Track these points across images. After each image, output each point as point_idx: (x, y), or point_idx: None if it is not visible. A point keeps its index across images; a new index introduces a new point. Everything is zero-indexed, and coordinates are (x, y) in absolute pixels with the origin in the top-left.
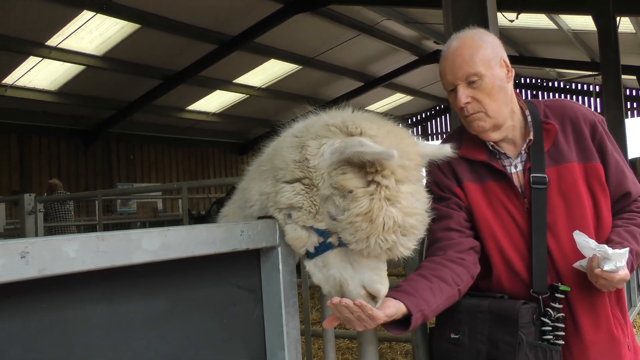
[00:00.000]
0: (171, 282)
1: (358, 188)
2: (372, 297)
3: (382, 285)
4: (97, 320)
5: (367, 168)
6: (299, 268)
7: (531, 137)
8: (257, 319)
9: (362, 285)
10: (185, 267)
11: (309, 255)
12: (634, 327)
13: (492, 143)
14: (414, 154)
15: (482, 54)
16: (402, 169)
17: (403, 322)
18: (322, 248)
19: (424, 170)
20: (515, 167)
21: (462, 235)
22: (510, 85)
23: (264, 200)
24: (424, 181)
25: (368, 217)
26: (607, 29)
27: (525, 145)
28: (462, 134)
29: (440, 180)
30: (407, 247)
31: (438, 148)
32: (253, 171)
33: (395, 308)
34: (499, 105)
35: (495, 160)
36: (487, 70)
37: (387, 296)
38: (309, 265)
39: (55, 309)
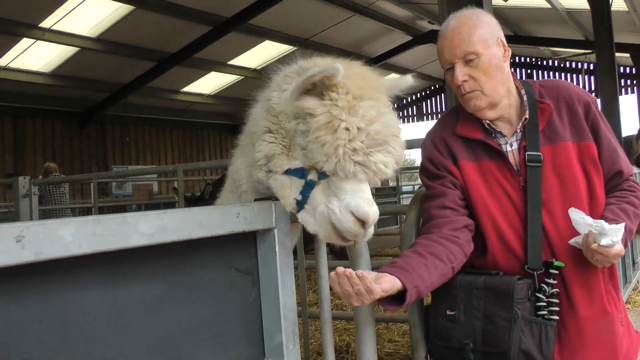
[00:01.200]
0: (168, 265)
1: (316, 105)
2: (362, 224)
3: (369, 207)
4: (94, 304)
5: (322, 91)
6: (296, 250)
7: (527, 116)
8: (254, 302)
9: (349, 211)
10: (182, 250)
11: (299, 205)
12: (629, 303)
13: (488, 122)
14: (370, 77)
15: (480, 33)
16: (357, 87)
17: (398, 297)
18: (306, 189)
19: (388, 100)
20: (511, 145)
21: (457, 213)
22: (507, 64)
23: (252, 171)
24: (392, 111)
25: (330, 127)
26: (600, 8)
27: (520, 124)
28: (459, 113)
29: (436, 158)
30: (381, 161)
31: (398, 78)
32: (237, 152)
33: (390, 283)
34: (496, 83)
35: (491, 138)
36: (484, 49)
37: (382, 271)
38: (301, 216)
39: (52, 293)
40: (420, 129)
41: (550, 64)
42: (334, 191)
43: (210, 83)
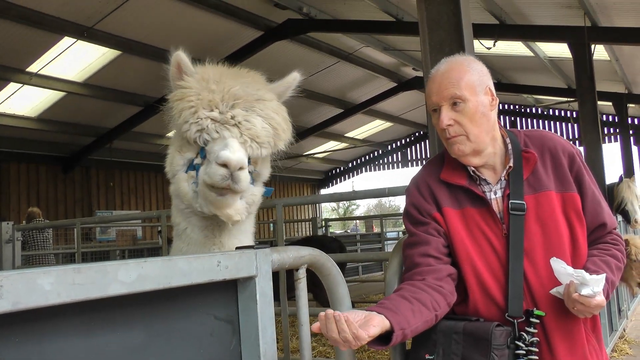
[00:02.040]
0: (148, 313)
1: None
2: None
3: (231, 153)
4: (74, 353)
5: None
6: (279, 296)
7: (511, 164)
8: (235, 350)
9: (214, 163)
10: (162, 298)
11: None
12: (616, 352)
13: (472, 168)
14: (238, 71)
15: (469, 79)
16: (213, 70)
17: (383, 337)
18: (197, 175)
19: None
20: (495, 193)
21: (440, 262)
22: (494, 113)
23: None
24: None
25: (182, 95)
26: (582, 57)
27: (505, 172)
28: (444, 159)
29: (420, 204)
30: (241, 115)
31: (285, 78)
32: None
33: (380, 327)
34: (481, 131)
35: (475, 185)
36: (471, 95)
37: (370, 310)
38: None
39: (30, 343)
40: (405, 175)
41: (534, 111)
42: (208, 159)
43: None
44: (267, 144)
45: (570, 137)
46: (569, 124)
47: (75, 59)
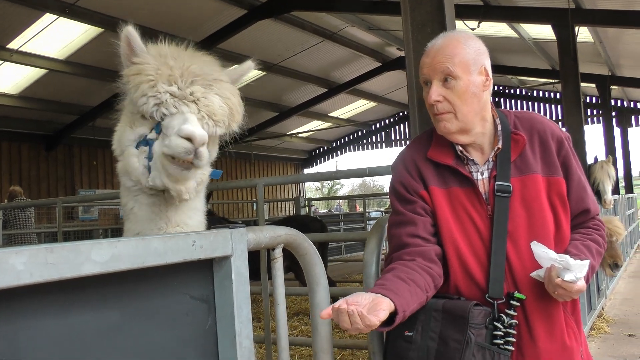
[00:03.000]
0: (122, 293)
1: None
2: (191, 142)
3: (193, 126)
4: (48, 334)
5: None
6: (260, 276)
7: (500, 145)
8: (210, 329)
9: (176, 135)
10: (137, 278)
11: (150, 170)
12: (594, 330)
13: (460, 148)
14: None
15: (464, 56)
16: (167, 48)
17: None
18: (150, 150)
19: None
20: (482, 174)
21: (428, 242)
22: (487, 93)
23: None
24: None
25: (140, 70)
26: (566, 39)
27: (493, 154)
28: (432, 137)
29: (408, 182)
30: (198, 91)
31: (238, 66)
32: None
33: (388, 311)
34: (469, 110)
35: (462, 165)
36: (464, 74)
37: (374, 292)
38: (152, 177)
39: (3, 323)
40: (389, 155)
41: (518, 92)
42: (165, 133)
43: None
44: (222, 122)
45: (554, 119)
46: (553, 105)
47: (57, 36)
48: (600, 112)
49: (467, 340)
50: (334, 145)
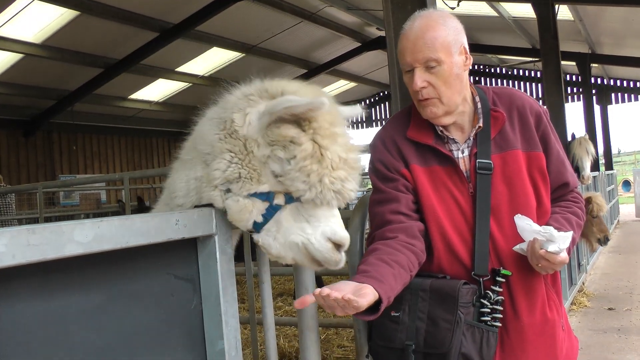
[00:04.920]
0: (106, 274)
1: (299, 134)
2: (337, 247)
3: (344, 232)
4: (32, 315)
5: (300, 120)
6: (243, 257)
7: (480, 124)
8: (196, 309)
9: (327, 238)
10: (120, 258)
11: (257, 227)
12: (575, 304)
13: (440, 128)
14: (333, 101)
15: (444, 38)
16: (330, 114)
17: (369, 307)
18: (270, 212)
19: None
20: (462, 152)
21: (411, 219)
22: (467, 72)
23: (196, 186)
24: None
25: (316, 157)
26: (546, 17)
27: (473, 132)
28: (410, 116)
29: (388, 160)
30: (352, 188)
31: (352, 108)
32: (176, 166)
33: (372, 295)
34: (453, 93)
35: (442, 144)
36: (447, 57)
37: (357, 281)
38: (262, 239)
39: None
40: (369, 135)
41: (498, 71)
42: (305, 217)
43: (158, 90)
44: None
45: (534, 97)
46: (533, 84)
47: (32, 20)
48: (581, 90)
49: (457, 320)
50: None
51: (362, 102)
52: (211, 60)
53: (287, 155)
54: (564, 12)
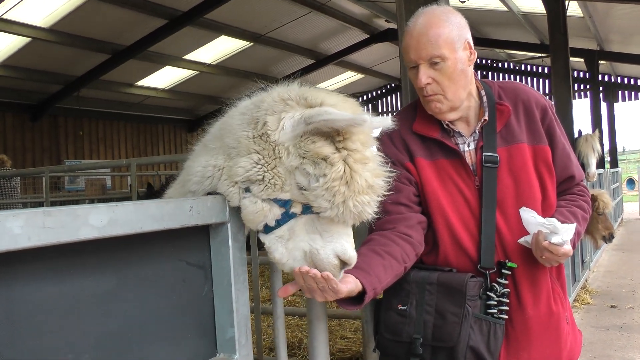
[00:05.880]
0: (119, 258)
1: (333, 154)
2: (344, 264)
3: (354, 252)
4: (43, 298)
5: (335, 136)
6: (249, 245)
7: (486, 117)
8: (207, 296)
9: (335, 254)
10: (134, 243)
11: (267, 230)
12: (577, 301)
13: (446, 122)
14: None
15: (448, 35)
16: (363, 134)
17: (354, 298)
18: (285, 219)
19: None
20: (468, 145)
21: (411, 210)
22: (471, 67)
23: (213, 174)
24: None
25: (345, 180)
26: (556, 12)
27: (479, 125)
28: (416, 109)
29: (392, 153)
30: (372, 210)
31: (383, 119)
32: (198, 149)
33: (354, 284)
34: (458, 88)
35: (448, 138)
36: (450, 53)
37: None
38: (269, 240)
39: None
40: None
41: (506, 66)
42: (319, 230)
43: (165, 77)
44: None
45: (542, 92)
46: (540, 79)
47: (41, 4)
48: (588, 86)
49: (464, 313)
50: None
51: (369, 94)
52: (219, 48)
53: (317, 172)
54: (573, 8)
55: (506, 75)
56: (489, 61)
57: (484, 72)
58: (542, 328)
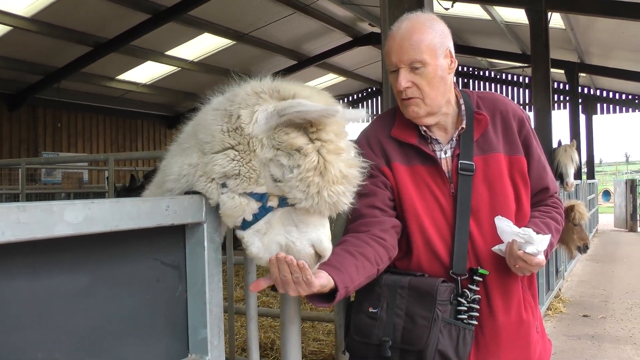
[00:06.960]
0: (94, 256)
1: (307, 144)
2: (319, 257)
3: (329, 244)
4: (18, 294)
5: (308, 127)
6: (225, 245)
7: (463, 125)
8: (180, 296)
9: (311, 244)
10: (109, 241)
11: (244, 225)
12: (551, 310)
13: (424, 128)
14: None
15: (430, 41)
16: (336, 124)
17: (326, 295)
18: (262, 213)
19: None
20: (445, 152)
21: (385, 214)
22: (451, 75)
23: (189, 172)
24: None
25: (319, 170)
26: (538, 23)
27: (456, 133)
28: (395, 115)
29: (369, 156)
30: (348, 200)
31: (356, 112)
32: (173, 149)
33: (326, 280)
34: (437, 94)
35: (426, 144)
36: (431, 59)
37: (318, 268)
38: (246, 235)
39: None
40: (356, 130)
41: (487, 74)
42: (295, 222)
43: (146, 72)
44: None
45: (521, 102)
46: (521, 89)
47: None
48: (568, 98)
49: (434, 317)
50: None
51: (350, 97)
52: (201, 45)
53: (291, 163)
54: (556, 20)
55: (487, 83)
56: (471, 69)
57: (465, 80)
58: (512, 336)
